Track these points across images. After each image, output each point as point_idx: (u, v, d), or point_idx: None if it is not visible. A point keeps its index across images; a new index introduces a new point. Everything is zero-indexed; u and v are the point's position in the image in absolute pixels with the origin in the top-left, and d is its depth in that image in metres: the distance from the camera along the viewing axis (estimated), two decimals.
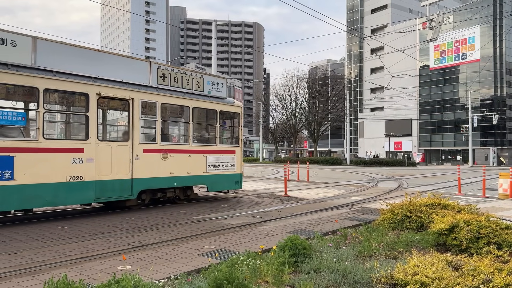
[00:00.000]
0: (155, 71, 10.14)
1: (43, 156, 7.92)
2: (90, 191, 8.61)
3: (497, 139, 66.92)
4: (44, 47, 8.10)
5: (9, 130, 7.75)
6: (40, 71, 7.94)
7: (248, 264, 4.37)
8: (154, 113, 10.07)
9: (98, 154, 8.76)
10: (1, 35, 7.50)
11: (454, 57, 70.24)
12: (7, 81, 7.58)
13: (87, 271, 4.69)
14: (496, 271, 3.76)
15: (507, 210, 10.06)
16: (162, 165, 10.11)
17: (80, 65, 8.61)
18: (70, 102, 9.49)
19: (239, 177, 12.48)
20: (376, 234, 6.07)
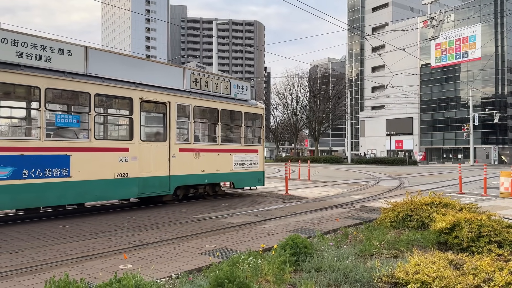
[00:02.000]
0: (188, 76, 11.03)
1: (94, 155, 8.72)
2: (134, 186, 9.45)
3: (498, 138, 66.79)
4: (94, 56, 8.87)
5: (65, 132, 8.58)
6: (91, 78, 8.72)
7: (249, 263, 4.37)
8: (187, 115, 10.89)
9: (141, 153, 9.62)
10: (60, 45, 8.31)
11: (455, 55, 70.10)
12: (64, 87, 8.35)
13: (89, 270, 4.70)
14: (497, 270, 3.75)
15: (508, 208, 10.05)
16: (194, 163, 10.98)
17: (124, 72, 9.43)
18: (116, 106, 10.28)
19: (261, 175, 13.28)
20: (377, 233, 6.07)
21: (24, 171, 7.64)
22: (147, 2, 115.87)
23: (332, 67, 79.26)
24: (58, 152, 8.13)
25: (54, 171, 8.05)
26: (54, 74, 8.13)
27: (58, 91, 8.61)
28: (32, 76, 7.82)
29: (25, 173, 7.66)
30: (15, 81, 7.70)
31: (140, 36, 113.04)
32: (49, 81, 8.03)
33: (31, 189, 7.73)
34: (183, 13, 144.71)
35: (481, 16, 64.77)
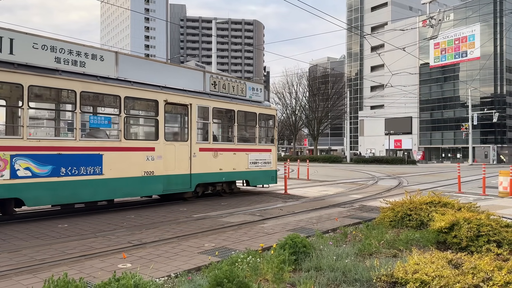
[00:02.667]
0: (208, 79, 11.64)
1: (124, 154, 9.30)
2: (160, 184, 10.06)
3: (497, 137, 66.88)
4: (124, 61, 9.48)
5: (98, 132, 9.19)
6: (121, 82, 9.29)
7: (248, 263, 4.37)
8: (207, 116, 11.46)
9: (165, 152, 10.19)
10: (93, 51, 8.90)
11: (454, 55, 70.16)
12: (97, 90, 8.92)
13: (88, 269, 4.69)
14: (496, 269, 3.76)
15: (507, 208, 10.06)
16: (213, 162, 11.57)
17: (150, 75, 10.02)
18: (143, 108, 10.86)
19: (274, 173, 13.84)
20: (376, 232, 6.07)
21: (61, 169, 8.19)
22: (146, 1, 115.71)
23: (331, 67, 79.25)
24: (92, 151, 8.70)
25: (88, 169, 8.62)
26: (88, 78, 8.67)
27: (91, 94, 9.08)
28: (69, 80, 8.34)
29: (62, 171, 8.20)
30: (54, 85, 8.27)
31: (139, 35, 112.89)
32: (84, 85, 8.58)
33: (68, 186, 8.28)
34: (182, 12, 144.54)
35: (480, 15, 64.82)
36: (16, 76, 7.61)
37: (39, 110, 9.04)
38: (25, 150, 7.71)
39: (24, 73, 7.71)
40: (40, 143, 7.96)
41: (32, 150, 7.81)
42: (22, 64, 7.75)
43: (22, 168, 7.66)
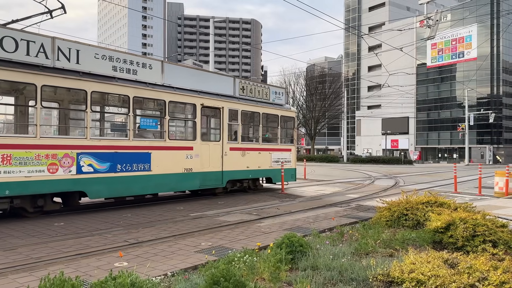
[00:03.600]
0: (237, 84, 12.74)
1: (168, 153, 10.32)
2: (197, 180, 11.13)
3: (493, 138, 67.15)
4: (168, 69, 10.55)
5: (147, 133, 10.29)
6: (166, 88, 10.34)
7: (245, 261, 4.37)
8: (236, 118, 12.50)
9: (201, 151, 11.24)
10: (143, 60, 10.05)
11: (451, 55, 70.35)
12: (146, 96, 9.95)
13: (84, 267, 4.68)
14: (492, 269, 3.77)
15: (503, 208, 10.11)
16: (241, 160, 12.59)
17: (189, 82, 11.06)
18: (183, 111, 11.76)
19: (294, 171, 14.90)
20: (373, 232, 6.09)
21: (117, 166, 9.18)
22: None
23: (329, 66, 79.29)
24: (142, 150, 9.73)
25: (139, 166, 9.64)
26: (139, 84, 9.70)
27: (141, 99, 10.08)
28: (123, 86, 9.37)
29: (118, 167, 9.20)
30: (112, 91, 9.32)
31: (137, 33, 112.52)
32: (136, 90, 9.61)
33: (123, 181, 9.28)
34: (179, 10, 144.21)
35: (477, 16, 64.99)
36: (81, 83, 8.60)
37: (95, 112, 9.87)
38: (88, 149, 8.69)
39: (87, 81, 8.68)
40: (100, 143, 9.02)
41: (94, 148, 8.80)
42: (85, 72, 8.70)
43: (86, 165, 8.65)
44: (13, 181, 7.53)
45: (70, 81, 8.42)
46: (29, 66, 7.86)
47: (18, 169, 7.61)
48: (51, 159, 8.10)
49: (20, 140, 7.81)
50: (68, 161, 8.34)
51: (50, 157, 8.08)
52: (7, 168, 7.46)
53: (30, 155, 7.80)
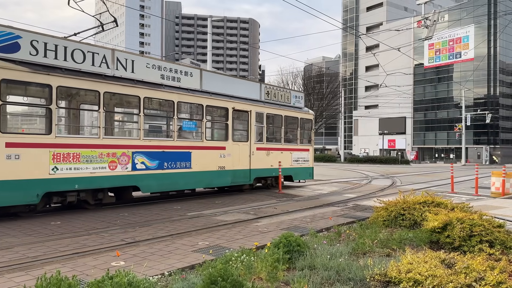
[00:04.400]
0: (263, 89, 13.86)
1: (205, 152, 11.43)
2: (228, 177, 12.21)
3: (490, 138, 67.38)
4: (205, 76, 11.64)
5: (187, 134, 11.39)
6: (204, 93, 11.47)
7: (243, 261, 4.37)
8: (262, 120, 13.54)
9: (232, 151, 12.32)
10: (185, 69, 11.07)
11: (449, 55, 70.53)
12: (188, 101, 11.11)
13: (81, 267, 4.66)
14: (489, 269, 3.78)
15: (499, 208, 10.14)
16: (266, 159, 13.70)
17: (222, 87, 12.14)
18: (217, 114, 12.60)
19: (311, 170, 15.98)
20: (370, 232, 6.10)
21: (164, 164, 10.27)
22: None
23: (326, 66, 79.34)
24: (184, 149, 10.84)
25: (182, 164, 10.73)
26: (182, 91, 10.80)
27: (184, 103, 11.23)
28: (170, 93, 10.46)
29: (165, 165, 10.27)
30: (160, 97, 10.38)
31: (134, 32, 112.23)
32: (179, 96, 10.71)
33: (169, 177, 10.38)
34: (177, 9, 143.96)
35: (474, 17, 65.21)
36: (136, 90, 9.65)
37: (146, 116, 10.80)
38: (141, 148, 9.75)
39: (140, 88, 9.73)
40: (151, 143, 10.05)
41: (145, 148, 9.84)
42: (139, 80, 9.73)
43: (139, 162, 9.72)
44: (81, 177, 8.57)
45: (126, 88, 9.50)
46: (94, 75, 8.85)
47: (85, 166, 8.65)
48: (112, 157, 9.16)
49: (87, 141, 8.94)
50: (125, 159, 9.44)
51: (110, 156, 9.14)
52: (76, 165, 8.50)
53: (95, 153, 8.85)
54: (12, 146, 7.64)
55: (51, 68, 8.21)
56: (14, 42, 7.79)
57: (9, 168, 7.55)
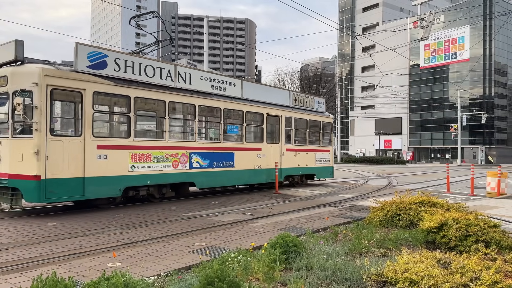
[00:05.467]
0: (291, 96, 15.53)
1: (245, 152, 12.97)
2: (264, 175, 13.72)
3: (485, 138, 67.68)
4: (245, 85, 13.28)
5: (231, 137, 12.78)
6: (244, 100, 13.04)
7: (239, 262, 4.37)
8: (290, 124, 15.04)
9: (266, 152, 13.83)
10: (230, 80, 12.81)
11: (444, 56, 70.79)
12: (232, 107, 12.63)
13: (77, 268, 4.65)
14: (484, 268, 3.80)
15: (495, 208, 10.19)
16: (294, 159, 15.18)
17: (258, 95, 13.76)
18: (254, 118, 13.90)
19: (331, 169, 17.62)
20: (366, 232, 6.11)
21: (214, 163, 11.82)
22: None
23: (323, 67, 79.43)
24: (229, 150, 12.40)
25: (227, 163, 12.26)
26: (227, 99, 12.39)
27: (228, 110, 12.62)
28: (218, 101, 12.04)
29: (214, 164, 11.83)
30: (210, 104, 11.87)
31: (130, 32, 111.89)
32: (225, 103, 12.28)
33: (217, 175, 11.92)
34: (174, 9, 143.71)
35: (469, 18, 65.48)
36: (192, 99, 11.22)
37: (200, 121, 12.09)
38: (196, 149, 11.28)
39: (196, 97, 11.31)
40: (204, 144, 11.64)
41: (199, 149, 11.39)
42: (194, 90, 11.32)
43: (195, 162, 11.21)
44: (152, 174, 10.03)
45: (185, 97, 11.08)
46: (161, 87, 10.38)
47: (155, 165, 10.10)
48: (174, 157, 10.63)
49: (156, 143, 10.30)
50: (185, 159, 10.92)
51: (174, 156, 10.62)
52: (148, 163, 9.95)
53: (162, 154, 10.31)
54: (102, 148, 9.01)
55: (130, 82, 9.64)
56: (103, 61, 9.16)
57: (99, 166, 8.91)
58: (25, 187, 8.06)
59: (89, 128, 8.75)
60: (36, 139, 8.00)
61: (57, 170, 8.22)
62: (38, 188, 7.96)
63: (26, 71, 8.28)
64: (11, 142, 8.33)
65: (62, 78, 8.40)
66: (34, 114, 7.99)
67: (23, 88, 8.06)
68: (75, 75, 8.61)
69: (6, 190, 8.35)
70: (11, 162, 8.25)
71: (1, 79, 8.53)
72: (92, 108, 8.80)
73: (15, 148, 8.26)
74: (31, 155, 8.01)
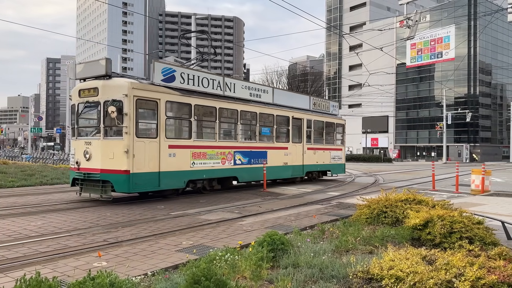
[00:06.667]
0: (311, 101, 17.59)
1: (275, 151, 14.90)
2: (290, 171, 15.76)
3: (470, 136, 68.72)
4: (275, 92, 15.35)
5: (264, 137, 14.53)
6: (275, 105, 15.00)
7: (227, 260, 4.36)
8: (310, 125, 17.01)
9: (291, 150, 15.76)
10: (263, 88, 14.99)
11: (430, 55, 71.59)
12: (266, 112, 14.50)
13: (61, 268, 4.59)
14: (468, 265, 3.85)
15: (479, 205, 10.36)
16: (313, 157, 17.17)
17: (285, 100, 15.75)
18: (282, 121, 15.59)
19: (343, 166, 19.69)
20: (353, 229, 6.16)
21: (252, 160, 13.73)
22: None
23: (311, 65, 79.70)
24: (262, 149, 14.26)
25: (261, 160, 14.12)
26: (262, 104, 14.33)
27: (263, 114, 14.42)
28: (255, 106, 14.01)
29: (251, 161, 13.73)
30: (249, 109, 13.82)
31: (117, 29, 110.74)
32: (260, 108, 14.25)
33: (254, 170, 13.81)
34: (161, 6, 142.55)
35: (455, 17, 66.33)
36: (235, 105, 13.18)
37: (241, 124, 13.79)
38: (238, 148, 13.19)
39: (238, 103, 13.26)
40: (244, 144, 13.49)
41: (241, 148, 13.29)
42: (237, 98, 13.27)
43: (238, 159, 13.12)
44: (206, 169, 11.92)
45: (231, 104, 12.99)
46: (213, 96, 12.29)
47: (208, 161, 11.97)
48: (222, 155, 12.52)
49: (209, 143, 12.17)
50: (230, 156, 12.80)
51: (222, 154, 12.51)
52: (204, 160, 11.84)
53: (214, 152, 12.20)
54: (172, 147, 10.80)
55: (191, 92, 11.51)
56: (172, 75, 11.03)
57: (170, 162, 10.68)
58: (116, 180, 9.64)
59: (163, 131, 10.50)
60: (126, 140, 9.61)
61: (141, 166, 9.92)
62: (127, 181, 9.60)
63: (116, 84, 9.86)
64: (102, 143, 9.85)
65: (143, 90, 10.15)
66: (124, 120, 9.58)
67: (115, 98, 9.65)
68: (152, 87, 10.40)
69: (97, 183, 9.91)
70: (102, 160, 9.78)
71: (92, 90, 10.08)
72: (165, 114, 10.64)
73: (107, 148, 9.80)
74: (122, 154, 9.61)
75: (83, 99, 10.31)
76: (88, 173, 10.03)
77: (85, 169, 10.11)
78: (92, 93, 10.07)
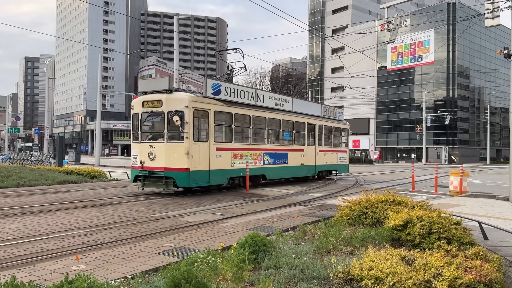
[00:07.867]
0: (322, 108, 20.16)
1: (294, 153, 16.97)
2: (305, 170, 17.89)
3: (449, 138, 70.12)
4: (294, 101, 17.61)
5: (285, 141, 16.48)
6: (294, 113, 17.15)
7: (208, 262, 4.33)
8: (321, 130, 19.23)
9: (307, 152, 17.92)
10: (284, 97, 17.22)
11: (410, 59, 72.74)
12: (286, 118, 16.52)
13: (38, 271, 4.48)
14: (446, 265, 3.92)
15: (457, 206, 10.57)
16: (323, 158, 19.35)
17: (301, 108, 18.04)
18: (299, 126, 17.58)
19: (348, 166, 22.03)
20: (334, 230, 6.20)
21: (276, 160, 15.75)
22: None
23: (294, 67, 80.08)
24: (284, 151, 16.33)
25: (283, 161, 16.20)
26: (284, 112, 16.48)
27: (284, 120, 16.41)
28: (279, 114, 16.10)
29: (276, 161, 15.76)
30: (274, 117, 15.78)
31: (98, 29, 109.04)
32: (283, 116, 16.34)
33: (278, 169, 15.99)
34: (143, 6, 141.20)
35: (434, 22, 67.61)
36: (264, 113, 15.20)
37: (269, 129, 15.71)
38: (267, 150, 15.23)
39: (266, 112, 15.33)
40: (271, 147, 15.51)
41: (268, 150, 15.33)
42: (265, 107, 15.38)
43: (266, 160, 15.14)
44: (243, 168, 13.84)
45: (261, 112, 15.01)
46: (247, 106, 14.39)
47: (244, 161, 13.98)
48: (255, 156, 14.60)
49: (245, 146, 14.15)
50: (260, 157, 14.87)
51: (254, 155, 14.60)
52: (241, 161, 13.86)
53: (248, 154, 14.26)
54: (218, 149, 12.85)
55: (232, 103, 13.59)
56: (219, 89, 13.20)
57: (217, 162, 12.75)
58: (178, 176, 11.62)
59: (212, 136, 12.54)
60: (186, 144, 11.61)
61: (197, 165, 11.89)
62: (187, 177, 11.58)
63: (179, 97, 11.93)
64: (166, 145, 11.83)
65: (199, 102, 12.23)
66: (185, 127, 11.57)
67: (177, 109, 11.64)
68: (205, 99, 12.54)
69: (160, 179, 11.81)
70: (166, 159, 11.70)
71: (156, 102, 12.03)
72: (213, 121, 12.64)
73: (170, 150, 11.76)
74: (183, 155, 11.60)
75: (147, 109, 12.28)
76: (153, 171, 11.88)
77: (149, 168, 11.95)
78: (156, 104, 12.01)
